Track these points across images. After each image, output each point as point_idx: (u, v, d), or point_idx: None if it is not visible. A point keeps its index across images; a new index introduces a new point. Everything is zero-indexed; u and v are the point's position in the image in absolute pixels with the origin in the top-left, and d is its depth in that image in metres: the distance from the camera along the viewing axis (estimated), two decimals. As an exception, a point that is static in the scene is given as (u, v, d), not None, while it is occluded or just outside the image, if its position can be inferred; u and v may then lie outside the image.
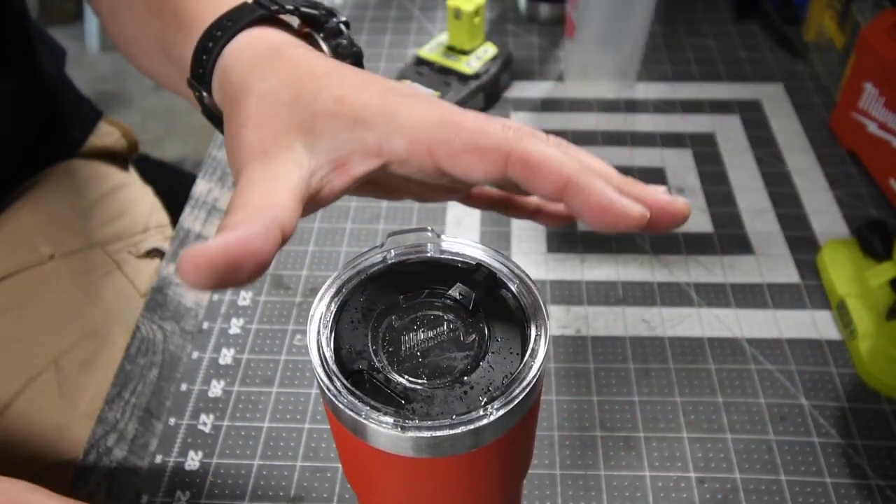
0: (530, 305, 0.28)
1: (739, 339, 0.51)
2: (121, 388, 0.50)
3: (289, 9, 0.35)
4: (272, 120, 0.30)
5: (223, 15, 0.35)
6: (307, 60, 0.32)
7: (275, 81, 0.31)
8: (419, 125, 0.29)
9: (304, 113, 0.30)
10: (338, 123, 0.30)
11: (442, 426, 0.24)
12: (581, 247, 0.58)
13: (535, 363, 0.26)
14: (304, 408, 0.48)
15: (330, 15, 0.37)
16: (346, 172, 0.30)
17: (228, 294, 0.55)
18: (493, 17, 0.82)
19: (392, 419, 0.24)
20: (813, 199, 0.61)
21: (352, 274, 0.29)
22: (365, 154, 0.30)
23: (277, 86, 0.31)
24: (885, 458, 0.45)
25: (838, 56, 0.68)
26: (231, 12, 0.35)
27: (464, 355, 0.27)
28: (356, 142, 0.29)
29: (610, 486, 0.44)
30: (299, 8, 0.35)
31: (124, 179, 0.75)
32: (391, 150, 0.29)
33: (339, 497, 0.44)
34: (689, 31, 0.79)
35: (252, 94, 0.31)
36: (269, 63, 0.32)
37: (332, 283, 0.29)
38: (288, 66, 0.32)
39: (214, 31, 0.34)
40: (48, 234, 0.66)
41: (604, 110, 0.70)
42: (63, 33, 2.21)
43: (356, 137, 0.29)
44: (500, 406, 0.25)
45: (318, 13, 0.36)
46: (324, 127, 0.30)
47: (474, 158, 0.28)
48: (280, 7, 0.35)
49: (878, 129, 0.60)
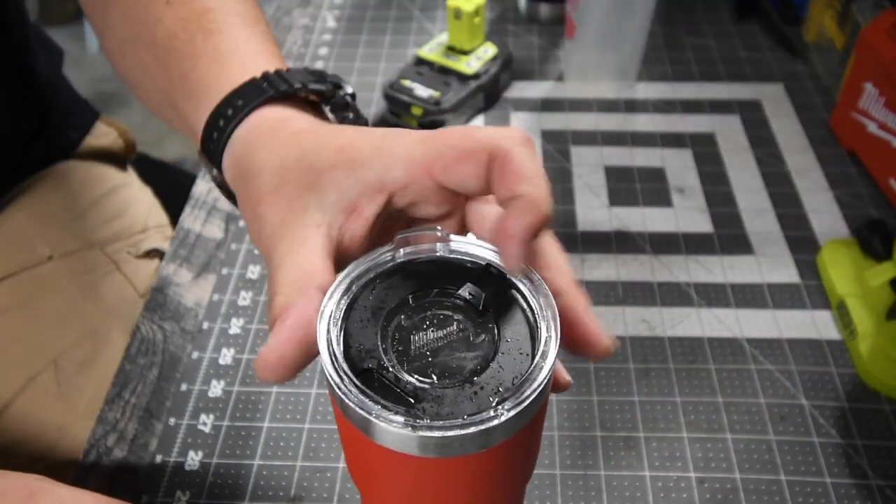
0: (540, 306, 0.27)
1: (739, 339, 0.51)
2: (121, 388, 0.50)
3: (297, 87, 0.36)
4: (284, 189, 0.31)
5: (233, 92, 0.36)
6: (311, 128, 0.33)
7: (282, 153, 0.32)
8: (412, 150, 0.30)
9: (310, 172, 0.31)
10: (339, 173, 0.30)
11: (453, 426, 0.24)
12: (581, 247, 0.58)
13: (546, 364, 0.26)
14: (304, 408, 0.48)
15: (336, 88, 0.38)
16: (360, 216, 0.31)
17: (228, 294, 0.55)
18: (493, 17, 0.82)
19: (403, 418, 0.24)
20: (813, 199, 0.61)
21: (361, 272, 0.29)
22: (370, 193, 0.30)
23: (284, 155, 0.32)
24: (885, 458, 0.45)
25: (838, 56, 0.68)
26: (241, 89, 0.36)
27: (474, 355, 0.27)
28: (359, 184, 0.30)
29: (610, 486, 0.44)
30: (307, 85, 0.36)
31: (122, 180, 0.75)
32: (392, 181, 0.30)
33: (339, 497, 0.44)
34: (689, 31, 0.79)
35: (263, 172, 0.32)
36: (277, 139, 0.33)
37: (341, 280, 0.28)
38: (293, 135, 0.33)
39: (225, 110, 0.35)
40: (46, 235, 0.66)
41: (604, 110, 0.70)
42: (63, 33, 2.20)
43: (358, 179, 0.30)
44: (511, 407, 0.24)
45: (325, 88, 0.37)
46: (328, 180, 0.30)
47: (467, 163, 0.29)
48: (289, 85, 0.36)
49: (878, 129, 0.60)
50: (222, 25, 0.40)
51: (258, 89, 0.35)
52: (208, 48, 0.39)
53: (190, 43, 0.40)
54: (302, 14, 0.84)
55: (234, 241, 0.59)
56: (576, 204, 0.61)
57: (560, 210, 0.61)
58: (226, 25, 0.40)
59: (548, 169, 0.64)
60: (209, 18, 0.40)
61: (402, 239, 0.30)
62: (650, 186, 0.63)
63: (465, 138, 0.29)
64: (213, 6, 0.41)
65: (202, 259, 0.58)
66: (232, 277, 0.56)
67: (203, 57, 0.39)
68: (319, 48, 0.78)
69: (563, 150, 0.66)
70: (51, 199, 0.68)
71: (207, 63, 0.38)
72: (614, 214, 0.60)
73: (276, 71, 0.36)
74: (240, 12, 0.42)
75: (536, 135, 0.68)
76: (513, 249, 0.27)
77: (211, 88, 0.37)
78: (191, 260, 0.58)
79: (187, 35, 0.40)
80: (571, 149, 0.66)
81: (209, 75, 0.38)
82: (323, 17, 0.83)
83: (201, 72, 0.38)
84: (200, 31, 0.40)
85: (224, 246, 0.59)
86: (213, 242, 0.59)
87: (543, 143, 0.67)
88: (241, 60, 0.38)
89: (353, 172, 0.30)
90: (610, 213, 0.61)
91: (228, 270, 0.57)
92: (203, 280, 0.57)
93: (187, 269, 0.58)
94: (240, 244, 0.59)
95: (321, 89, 0.37)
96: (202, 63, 0.39)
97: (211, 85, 0.37)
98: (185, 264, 0.58)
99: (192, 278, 0.57)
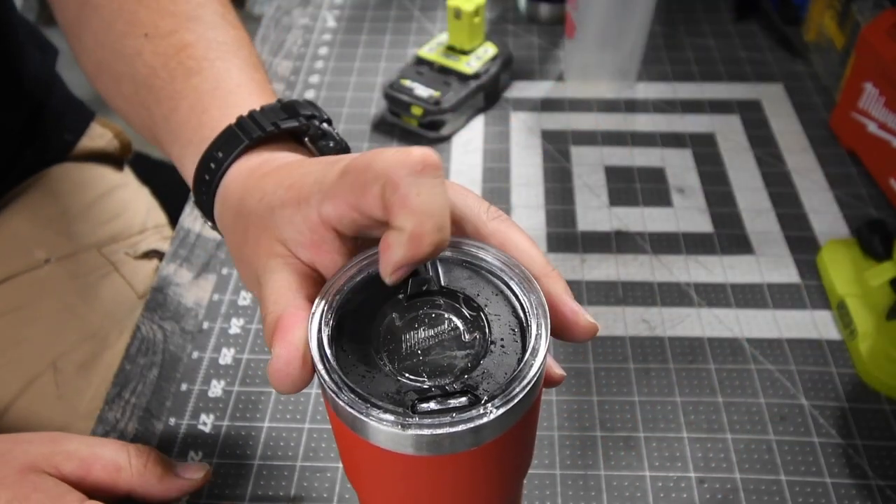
0: (531, 304, 0.27)
1: (739, 339, 0.51)
2: (121, 389, 0.50)
3: (269, 130, 0.36)
4: (252, 231, 0.32)
5: (212, 144, 0.36)
6: (277, 168, 0.34)
7: (250, 199, 0.33)
8: (335, 184, 0.29)
9: (267, 212, 0.31)
10: (288, 210, 0.30)
11: (442, 424, 0.24)
12: (581, 247, 0.58)
13: (536, 362, 0.26)
14: (304, 408, 0.48)
15: (310, 119, 0.38)
16: (324, 251, 0.30)
17: (228, 294, 0.55)
18: (493, 17, 0.82)
19: (393, 417, 0.24)
20: (813, 199, 0.61)
21: (354, 271, 0.29)
22: (318, 230, 0.30)
23: (251, 201, 0.33)
24: (885, 458, 0.45)
25: (838, 56, 0.68)
26: (219, 140, 0.36)
27: (464, 354, 0.27)
28: (305, 220, 0.30)
29: (610, 486, 0.44)
30: (279, 125, 0.37)
31: (119, 180, 0.75)
32: (327, 217, 0.29)
33: (339, 497, 0.44)
34: (689, 31, 0.79)
35: (238, 219, 0.34)
36: (249, 186, 0.34)
37: (334, 279, 0.29)
38: (261, 178, 0.34)
39: (208, 163, 0.36)
40: (43, 238, 0.65)
41: (604, 110, 0.70)
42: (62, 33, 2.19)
43: (303, 217, 0.30)
44: (500, 405, 0.25)
45: (299, 125, 0.37)
46: (280, 218, 0.31)
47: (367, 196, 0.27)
48: (262, 130, 0.36)
49: (878, 129, 0.60)
50: (202, 62, 0.41)
51: (234, 139, 0.36)
52: (188, 89, 0.40)
53: (171, 82, 0.40)
54: (302, 14, 0.84)
55: (234, 242, 0.59)
56: (576, 204, 0.61)
57: (560, 210, 0.61)
58: (205, 62, 0.41)
59: (548, 169, 0.64)
60: (188, 55, 0.41)
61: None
62: (650, 186, 0.63)
63: (364, 170, 0.28)
64: (192, 40, 0.42)
65: (202, 259, 0.58)
66: (232, 277, 0.56)
67: (185, 99, 0.40)
68: (319, 48, 0.78)
69: (563, 150, 0.66)
70: (47, 202, 0.68)
71: (189, 107, 0.39)
72: (614, 214, 0.60)
73: (251, 113, 0.37)
74: (219, 43, 0.42)
75: (536, 135, 0.68)
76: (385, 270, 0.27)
77: (194, 135, 0.38)
78: (191, 260, 0.58)
79: (167, 73, 0.41)
80: (571, 149, 0.66)
81: (191, 121, 0.39)
82: (323, 17, 0.83)
83: (182, 116, 0.39)
84: (180, 69, 0.40)
85: (224, 246, 0.59)
86: (213, 242, 0.59)
87: (543, 143, 0.67)
88: (221, 101, 0.39)
89: (299, 210, 0.30)
90: (610, 213, 0.61)
91: (228, 270, 0.57)
92: (203, 280, 0.57)
93: (187, 268, 0.58)
94: (240, 244, 0.59)
95: (293, 126, 0.37)
96: (184, 106, 0.39)
97: (194, 131, 0.38)
98: (185, 264, 0.58)
99: (192, 278, 0.57)
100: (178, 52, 0.41)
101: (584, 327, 0.29)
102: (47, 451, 0.37)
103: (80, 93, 0.77)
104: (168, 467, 0.39)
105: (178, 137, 0.39)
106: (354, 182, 0.28)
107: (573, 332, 0.29)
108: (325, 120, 0.39)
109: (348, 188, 0.28)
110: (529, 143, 0.67)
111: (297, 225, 0.30)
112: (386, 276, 0.27)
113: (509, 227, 0.30)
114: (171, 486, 0.39)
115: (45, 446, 0.37)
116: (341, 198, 0.28)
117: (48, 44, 0.74)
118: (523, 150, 0.66)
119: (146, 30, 0.42)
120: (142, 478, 0.38)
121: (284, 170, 0.33)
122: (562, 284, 0.30)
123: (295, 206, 0.30)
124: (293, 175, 0.32)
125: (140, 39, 0.42)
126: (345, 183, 0.28)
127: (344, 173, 0.29)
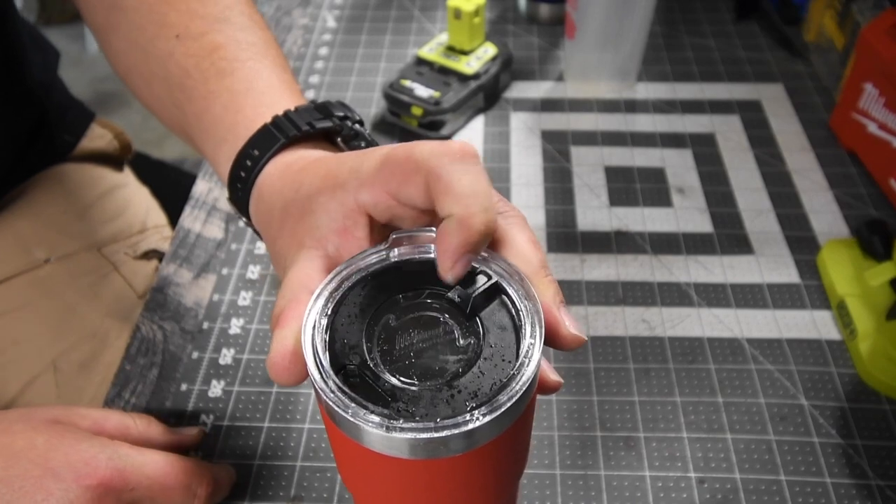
0: (527, 312, 0.27)
1: (739, 339, 0.51)
2: (121, 388, 0.50)
3: (304, 129, 0.37)
4: (287, 223, 0.33)
5: (249, 142, 0.38)
6: (312, 162, 0.35)
7: (287, 193, 0.34)
8: (374, 171, 0.31)
9: (305, 201, 0.33)
10: (324, 196, 0.32)
11: (426, 429, 0.24)
12: (581, 247, 0.58)
13: (526, 372, 0.25)
14: (303, 408, 0.48)
15: (343, 119, 0.39)
16: (352, 236, 0.31)
17: (228, 294, 0.55)
18: (493, 17, 0.82)
19: (378, 418, 0.24)
20: (813, 199, 0.61)
21: (353, 270, 0.29)
22: (352, 215, 0.31)
23: (288, 194, 0.34)
24: (885, 458, 0.45)
25: (838, 56, 0.68)
26: (255, 139, 0.38)
27: (456, 359, 0.27)
28: (341, 206, 0.31)
29: (610, 486, 0.44)
30: (314, 125, 0.38)
31: (119, 181, 0.75)
32: (363, 203, 0.31)
33: (338, 497, 0.44)
34: (689, 31, 0.79)
35: (274, 213, 0.35)
36: (286, 180, 0.35)
37: (332, 278, 0.29)
38: (297, 173, 0.35)
39: (244, 161, 0.37)
40: (43, 238, 0.65)
41: (604, 110, 0.70)
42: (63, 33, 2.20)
43: (339, 202, 0.31)
44: (486, 413, 0.24)
45: (332, 124, 0.39)
46: (316, 204, 0.32)
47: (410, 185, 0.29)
48: (297, 129, 0.37)
49: (878, 129, 0.60)
50: (233, 63, 0.42)
51: (271, 137, 0.37)
52: (221, 90, 0.41)
53: (204, 83, 0.41)
54: (302, 14, 0.84)
55: (234, 242, 0.59)
56: (576, 204, 0.61)
57: (560, 210, 0.61)
58: (237, 62, 0.42)
59: (548, 169, 0.64)
60: (220, 56, 0.42)
61: (397, 239, 0.30)
62: (650, 186, 0.63)
63: (406, 159, 0.29)
64: (223, 41, 0.42)
65: (202, 259, 0.58)
66: (232, 277, 0.56)
67: (218, 99, 0.40)
68: (319, 48, 0.78)
69: (563, 150, 0.66)
70: (47, 202, 0.68)
71: (223, 107, 0.40)
72: (614, 214, 0.60)
73: (286, 113, 0.38)
74: (249, 44, 0.43)
75: (536, 135, 0.68)
76: (445, 264, 0.28)
77: (228, 133, 0.39)
78: (191, 260, 0.58)
79: (200, 74, 0.41)
80: (571, 149, 0.66)
81: (225, 120, 0.40)
82: (323, 17, 0.83)
83: (216, 115, 0.40)
84: (213, 70, 0.41)
85: (224, 246, 0.59)
86: (213, 242, 0.59)
87: (543, 143, 0.67)
88: (254, 101, 0.40)
89: (335, 196, 0.31)
90: (610, 213, 0.61)
91: (228, 270, 0.57)
92: (203, 280, 0.57)
93: (187, 269, 0.58)
94: (240, 244, 0.59)
95: (327, 126, 0.38)
96: (217, 106, 0.40)
97: (228, 130, 0.39)
98: (185, 264, 0.58)
99: (192, 278, 0.57)
100: (209, 53, 0.42)
101: (565, 338, 0.29)
102: (64, 412, 0.41)
103: (79, 94, 0.77)
104: (166, 427, 0.44)
105: (212, 136, 0.40)
106: (395, 171, 0.30)
107: (557, 341, 0.29)
108: (358, 121, 0.40)
109: (388, 176, 0.30)
110: (529, 143, 0.67)
111: (332, 212, 0.31)
112: (446, 271, 0.28)
113: (511, 226, 0.31)
114: (171, 440, 0.44)
115: (60, 409, 0.41)
116: (379, 185, 0.30)
117: (49, 46, 0.74)
118: (523, 150, 0.66)
119: (177, 31, 0.43)
120: (147, 434, 0.43)
121: (320, 162, 0.34)
122: (551, 291, 0.29)
123: (331, 192, 0.32)
124: (329, 165, 0.33)
125: (171, 41, 0.43)
126: (384, 172, 0.30)
127: (383, 163, 0.30)
